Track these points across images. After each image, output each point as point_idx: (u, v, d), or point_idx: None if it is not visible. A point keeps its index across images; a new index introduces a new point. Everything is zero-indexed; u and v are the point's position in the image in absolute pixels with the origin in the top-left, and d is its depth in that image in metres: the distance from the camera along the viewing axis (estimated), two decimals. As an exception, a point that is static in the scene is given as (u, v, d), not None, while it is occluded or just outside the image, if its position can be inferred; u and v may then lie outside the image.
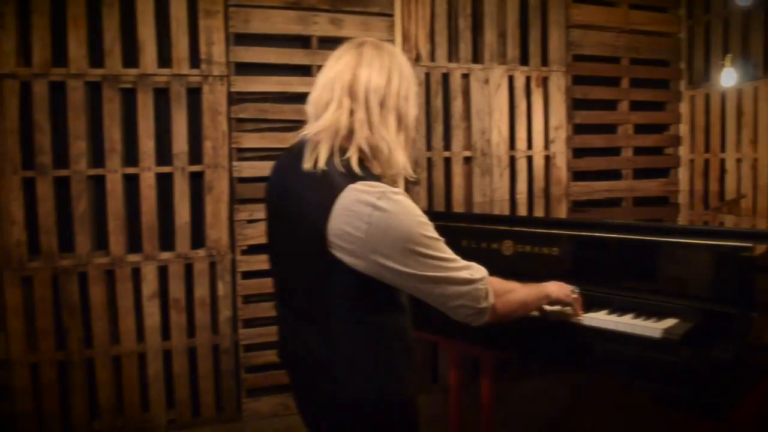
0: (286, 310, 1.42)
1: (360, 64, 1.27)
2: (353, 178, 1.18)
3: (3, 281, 2.79)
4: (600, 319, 1.68)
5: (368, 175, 1.20)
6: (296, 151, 1.31)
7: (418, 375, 1.38)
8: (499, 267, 2.01)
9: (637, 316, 1.68)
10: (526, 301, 1.46)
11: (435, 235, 1.22)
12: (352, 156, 1.22)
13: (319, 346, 1.30)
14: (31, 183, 2.82)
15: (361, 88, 1.24)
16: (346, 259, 1.18)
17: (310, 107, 1.31)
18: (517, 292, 1.42)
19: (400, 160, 1.26)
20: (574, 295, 1.69)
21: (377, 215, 1.15)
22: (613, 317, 1.67)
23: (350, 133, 1.24)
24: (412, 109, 1.33)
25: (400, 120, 1.29)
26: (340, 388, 1.28)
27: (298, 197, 1.26)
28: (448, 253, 1.25)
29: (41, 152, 2.81)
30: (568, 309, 1.68)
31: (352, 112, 1.24)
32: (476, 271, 1.29)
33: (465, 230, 2.16)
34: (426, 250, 1.19)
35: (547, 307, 1.64)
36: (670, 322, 1.62)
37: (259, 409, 3.13)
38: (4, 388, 2.82)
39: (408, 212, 1.18)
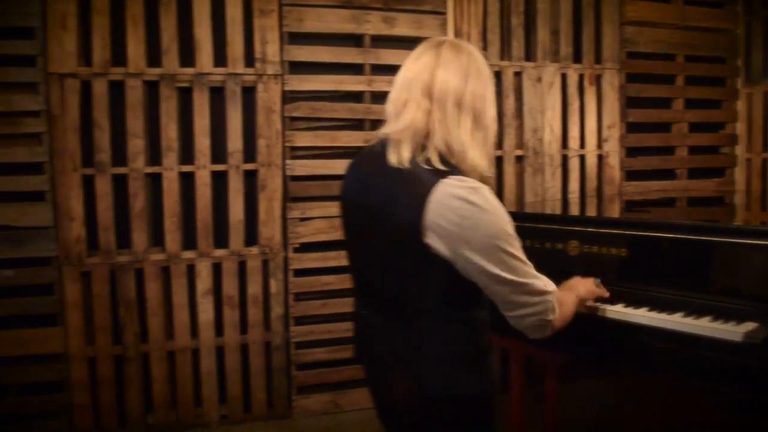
0: (366, 307, 1.44)
1: (438, 65, 1.28)
2: (441, 173, 1.20)
3: (63, 276, 2.85)
4: (676, 321, 1.63)
5: (454, 170, 1.23)
6: (378, 150, 1.33)
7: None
8: (564, 267, 2.00)
9: (715, 319, 1.63)
10: (571, 314, 1.45)
11: (516, 235, 1.24)
12: (432, 154, 1.24)
13: (406, 342, 1.31)
14: (90, 180, 2.87)
15: (437, 88, 1.26)
16: (441, 251, 1.19)
17: (389, 106, 1.33)
18: (568, 305, 1.43)
19: (475, 159, 1.27)
20: (598, 289, 1.72)
21: (469, 209, 1.17)
22: (690, 320, 1.63)
23: (428, 132, 1.26)
24: (490, 109, 1.33)
25: (477, 120, 1.29)
26: (427, 383, 1.29)
27: (386, 195, 1.27)
28: (526, 257, 1.26)
29: (100, 150, 2.86)
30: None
31: (429, 113, 1.26)
32: (548, 282, 1.30)
33: (529, 230, 2.13)
34: (511, 249, 1.22)
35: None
36: (750, 325, 1.57)
37: (309, 406, 3.15)
38: (62, 380, 2.88)
39: (497, 209, 1.21)
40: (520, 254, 1.24)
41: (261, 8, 2.97)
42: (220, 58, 2.96)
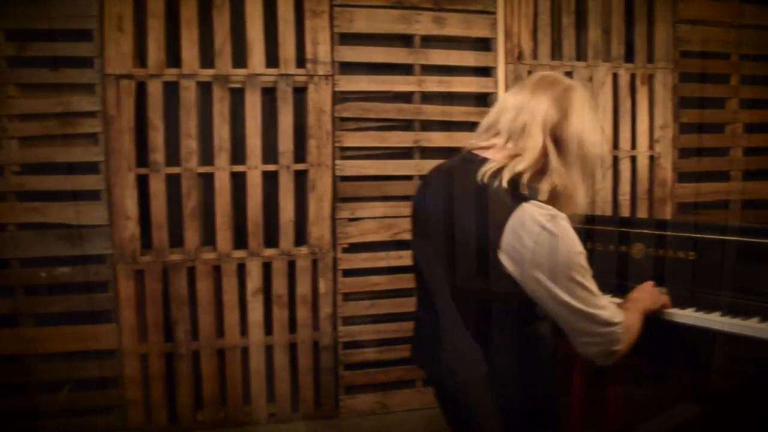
0: (430, 312, 1.44)
1: (571, 109, 1.31)
2: (522, 197, 1.23)
3: (117, 274, 2.90)
4: (753, 327, 1.59)
5: (536, 196, 1.24)
6: (463, 165, 1.36)
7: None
8: (628, 271, 1.97)
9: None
10: (637, 336, 1.44)
11: (588, 266, 1.25)
12: (543, 187, 1.27)
13: (472, 351, 1.33)
14: (144, 180, 2.92)
15: (567, 134, 1.30)
16: (512, 272, 1.21)
17: (502, 117, 1.36)
18: (632, 329, 1.41)
19: (581, 201, 1.32)
20: (663, 297, 1.71)
21: (545, 236, 1.19)
22: (767, 326, 1.58)
23: (542, 167, 1.29)
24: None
25: (588, 165, 1.33)
26: (494, 392, 1.32)
27: (465, 212, 1.30)
28: (595, 286, 1.27)
29: (154, 150, 2.90)
30: None
31: (553, 152, 1.29)
32: (616, 313, 1.31)
33: (591, 232, 2.10)
34: (581, 279, 1.24)
35: None
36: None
37: (356, 406, 3.15)
38: (116, 376, 2.94)
39: (572, 239, 1.23)
40: (590, 284, 1.26)
41: (312, 9, 2.98)
42: (271, 59, 2.98)
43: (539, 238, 1.18)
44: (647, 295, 1.62)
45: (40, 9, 2.77)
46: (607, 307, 1.28)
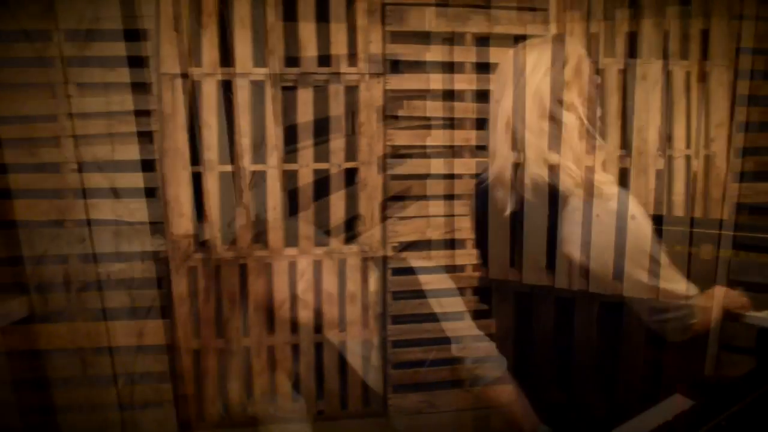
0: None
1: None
2: (574, 184, 1.18)
3: (171, 271, 2.94)
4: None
5: (586, 180, 1.20)
6: None
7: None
8: (695, 272, 1.92)
9: None
10: (714, 320, 1.40)
11: (658, 238, 1.22)
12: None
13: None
14: (197, 177, 2.95)
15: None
16: (578, 258, 1.19)
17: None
18: (708, 310, 1.38)
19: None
20: (741, 298, 1.66)
21: (603, 220, 1.14)
22: None
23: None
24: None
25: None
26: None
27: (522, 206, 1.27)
28: (667, 258, 1.24)
29: (208, 148, 2.93)
30: None
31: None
32: (690, 287, 1.28)
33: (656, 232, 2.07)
34: (654, 252, 1.19)
35: None
36: None
37: (404, 405, 3.15)
38: (168, 371, 2.98)
39: (635, 215, 1.17)
40: (663, 257, 1.22)
41: (364, 8, 2.98)
42: (323, 58, 2.99)
43: (598, 220, 1.16)
44: (723, 292, 1.59)
45: (99, 9, 2.82)
46: (681, 280, 1.26)
